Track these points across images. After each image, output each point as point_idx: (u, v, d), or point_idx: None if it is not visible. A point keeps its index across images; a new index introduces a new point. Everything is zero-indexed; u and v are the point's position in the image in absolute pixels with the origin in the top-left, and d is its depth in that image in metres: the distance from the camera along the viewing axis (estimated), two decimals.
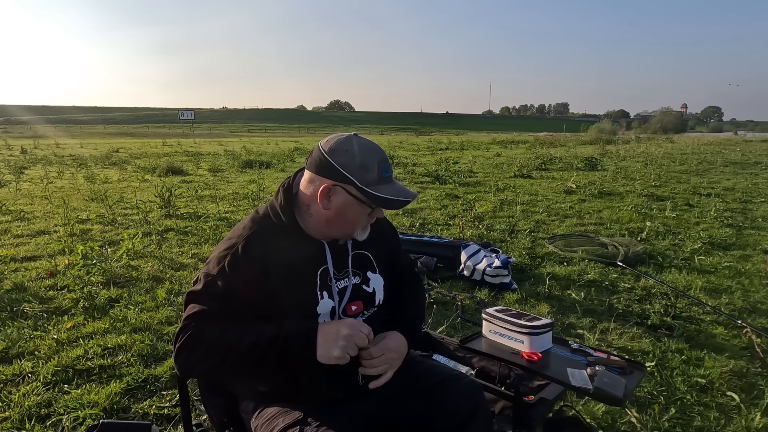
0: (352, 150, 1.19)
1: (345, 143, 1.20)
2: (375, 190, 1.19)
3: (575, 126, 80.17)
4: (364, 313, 1.35)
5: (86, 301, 3.47)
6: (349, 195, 1.20)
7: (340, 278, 1.31)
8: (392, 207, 1.23)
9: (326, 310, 1.27)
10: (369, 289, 1.36)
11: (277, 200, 1.29)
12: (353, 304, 1.33)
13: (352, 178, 1.18)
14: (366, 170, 1.18)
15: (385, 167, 1.21)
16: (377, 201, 1.20)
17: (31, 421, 2.18)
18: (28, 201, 8.04)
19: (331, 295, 1.29)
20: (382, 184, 1.20)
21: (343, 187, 1.20)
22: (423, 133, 69.15)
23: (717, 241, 5.32)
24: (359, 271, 1.36)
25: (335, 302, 1.29)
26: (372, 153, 1.20)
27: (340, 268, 1.32)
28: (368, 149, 1.21)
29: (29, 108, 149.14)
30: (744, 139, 40.58)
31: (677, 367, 2.65)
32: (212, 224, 6.01)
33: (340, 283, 1.31)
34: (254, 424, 1.32)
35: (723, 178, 10.85)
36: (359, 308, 1.34)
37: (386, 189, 1.21)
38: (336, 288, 1.30)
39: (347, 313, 1.31)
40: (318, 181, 1.22)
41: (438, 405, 1.30)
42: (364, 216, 1.25)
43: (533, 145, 25.34)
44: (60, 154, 20.33)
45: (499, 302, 3.60)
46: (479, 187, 9.56)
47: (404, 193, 1.23)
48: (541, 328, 1.64)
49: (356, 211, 1.23)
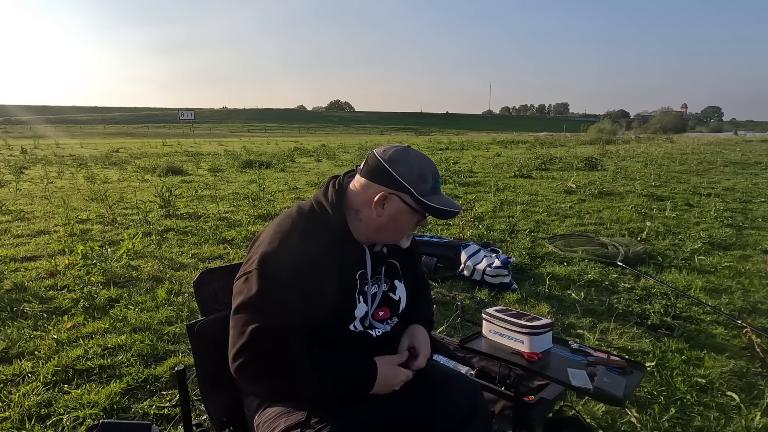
0: (410, 161, 1.24)
1: (403, 154, 1.25)
2: (429, 200, 1.24)
3: (575, 126, 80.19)
4: (387, 322, 1.38)
5: (86, 301, 3.47)
6: (403, 203, 1.25)
7: (372, 284, 1.35)
8: (444, 217, 1.28)
9: (361, 314, 1.30)
10: (395, 296, 1.40)
11: (327, 198, 1.30)
12: (381, 310, 1.36)
13: (410, 188, 1.23)
14: (423, 181, 1.24)
15: (437, 179, 1.28)
16: (431, 211, 1.25)
17: (31, 421, 2.18)
18: (28, 201, 8.04)
19: (366, 300, 1.32)
20: (434, 194, 1.26)
21: (399, 196, 1.24)
22: (423, 133, 69.20)
23: (717, 241, 5.32)
24: (388, 278, 1.39)
25: (368, 307, 1.32)
26: (427, 164, 1.26)
27: (374, 274, 1.35)
28: (424, 161, 1.27)
29: (29, 108, 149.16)
30: (744, 139, 40.59)
31: (677, 367, 2.65)
32: (212, 224, 6.01)
33: (371, 289, 1.34)
34: (257, 422, 1.32)
35: (723, 178, 10.85)
36: (386, 314, 1.38)
37: (438, 199, 1.26)
38: (370, 293, 1.33)
39: (375, 318, 1.35)
40: (373, 189, 1.25)
41: (438, 405, 1.31)
42: (413, 224, 1.30)
43: (533, 145, 25.34)
44: (60, 154, 20.34)
45: (499, 302, 3.60)
46: (479, 187, 9.56)
47: (453, 204, 1.29)
48: (541, 328, 1.64)
49: (408, 219, 1.28)
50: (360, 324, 1.31)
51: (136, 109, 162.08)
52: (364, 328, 1.32)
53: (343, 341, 1.28)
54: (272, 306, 1.17)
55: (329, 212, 1.27)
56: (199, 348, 1.40)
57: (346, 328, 1.29)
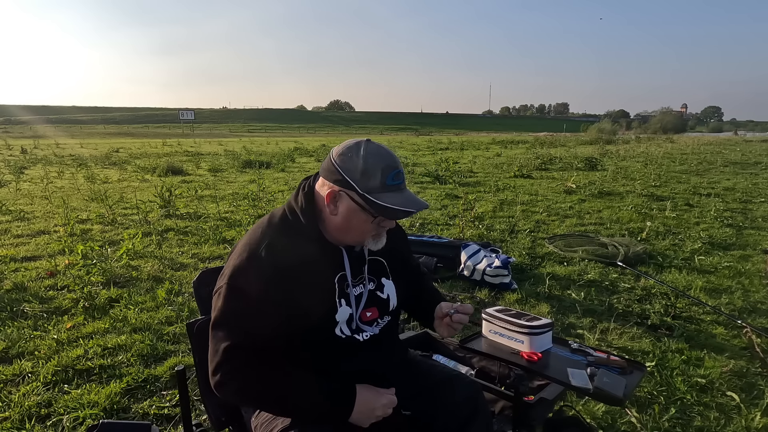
0: (357, 155, 1.16)
1: (353, 148, 1.18)
2: (376, 198, 1.15)
3: (575, 126, 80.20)
4: (378, 322, 1.34)
5: (86, 301, 3.47)
6: (352, 201, 1.17)
7: (356, 284, 1.30)
8: (393, 217, 1.19)
9: (344, 318, 1.26)
10: (383, 295, 1.35)
11: (297, 202, 1.25)
12: (368, 311, 1.31)
13: (353, 184, 1.15)
14: (368, 177, 1.15)
15: (391, 174, 1.17)
16: (376, 209, 1.16)
17: (31, 421, 2.18)
18: (28, 201, 8.04)
19: (349, 303, 1.27)
20: (386, 192, 1.16)
21: (347, 193, 1.17)
22: (423, 133, 69.18)
23: (717, 241, 5.32)
24: (374, 277, 1.34)
25: (353, 309, 1.28)
26: (377, 159, 1.16)
27: (356, 275, 1.30)
28: (374, 155, 1.17)
29: (29, 108, 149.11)
30: (744, 139, 40.57)
31: (677, 367, 2.65)
32: (212, 224, 6.01)
33: (356, 290, 1.30)
34: (254, 424, 1.32)
35: (723, 178, 10.85)
36: (374, 314, 1.32)
37: (389, 197, 1.16)
38: (353, 295, 1.29)
39: (363, 319, 1.30)
40: (326, 187, 1.20)
41: (438, 405, 1.31)
42: (369, 224, 1.21)
43: (533, 145, 25.34)
44: (60, 154, 20.34)
45: (499, 302, 3.60)
46: (479, 187, 9.56)
47: (410, 203, 1.18)
48: (541, 328, 1.64)
49: (361, 219, 1.19)
50: (347, 328, 1.26)
51: (136, 109, 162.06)
52: (351, 332, 1.27)
53: (329, 348, 1.24)
54: (243, 322, 1.14)
55: (300, 218, 1.23)
56: (199, 347, 1.40)
57: (332, 333, 1.24)
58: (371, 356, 1.29)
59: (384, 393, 1.22)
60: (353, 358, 1.27)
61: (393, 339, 1.42)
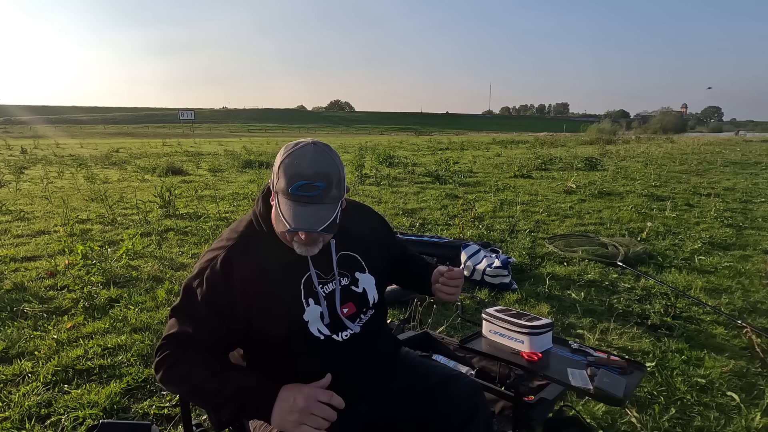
0: (285, 153, 1.16)
1: (291, 146, 1.18)
2: (279, 200, 1.15)
3: (575, 126, 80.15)
4: (360, 317, 1.33)
5: (86, 301, 3.47)
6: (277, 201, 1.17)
7: (327, 282, 1.29)
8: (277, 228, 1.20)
9: (315, 316, 1.25)
10: (358, 289, 1.34)
11: (257, 207, 1.28)
12: (345, 307, 1.31)
13: (271, 183, 1.19)
14: (278, 177, 1.14)
15: (296, 185, 1.10)
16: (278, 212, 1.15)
17: (31, 421, 2.18)
18: (28, 201, 8.04)
19: (318, 301, 1.26)
20: (287, 199, 1.13)
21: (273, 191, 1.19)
22: (423, 133, 69.18)
23: (717, 241, 5.32)
24: (347, 272, 1.33)
25: (323, 307, 1.27)
26: (293, 163, 1.12)
27: (327, 272, 1.30)
28: (295, 157, 1.13)
29: (29, 108, 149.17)
30: (744, 139, 40.56)
31: (677, 367, 2.65)
32: (212, 224, 6.01)
33: (327, 287, 1.29)
34: (253, 425, 1.32)
35: (723, 178, 10.84)
36: (351, 310, 1.32)
37: (286, 205, 1.13)
38: (323, 293, 1.27)
39: (341, 316, 1.29)
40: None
41: (438, 405, 1.30)
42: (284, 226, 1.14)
43: (533, 145, 25.34)
44: (60, 154, 20.33)
45: (499, 302, 3.60)
46: (479, 187, 9.56)
47: (298, 218, 1.11)
48: (541, 328, 1.64)
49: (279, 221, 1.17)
50: (324, 327, 1.26)
51: (136, 109, 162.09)
52: (330, 332, 1.27)
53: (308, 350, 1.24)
54: (189, 321, 1.18)
55: (260, 221, 1.26)
56: None
57: (308, 335, 1.24)
58: (355, 354, 1.29)
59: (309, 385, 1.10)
60: (336, 358, 1.27)
61: (379, 334, 1.41)
